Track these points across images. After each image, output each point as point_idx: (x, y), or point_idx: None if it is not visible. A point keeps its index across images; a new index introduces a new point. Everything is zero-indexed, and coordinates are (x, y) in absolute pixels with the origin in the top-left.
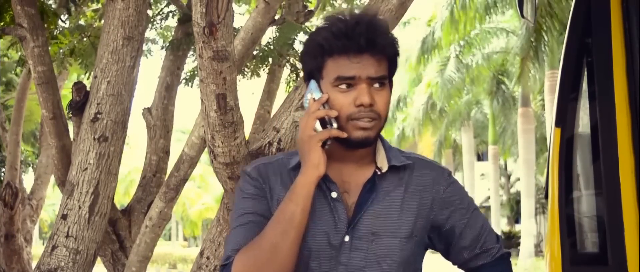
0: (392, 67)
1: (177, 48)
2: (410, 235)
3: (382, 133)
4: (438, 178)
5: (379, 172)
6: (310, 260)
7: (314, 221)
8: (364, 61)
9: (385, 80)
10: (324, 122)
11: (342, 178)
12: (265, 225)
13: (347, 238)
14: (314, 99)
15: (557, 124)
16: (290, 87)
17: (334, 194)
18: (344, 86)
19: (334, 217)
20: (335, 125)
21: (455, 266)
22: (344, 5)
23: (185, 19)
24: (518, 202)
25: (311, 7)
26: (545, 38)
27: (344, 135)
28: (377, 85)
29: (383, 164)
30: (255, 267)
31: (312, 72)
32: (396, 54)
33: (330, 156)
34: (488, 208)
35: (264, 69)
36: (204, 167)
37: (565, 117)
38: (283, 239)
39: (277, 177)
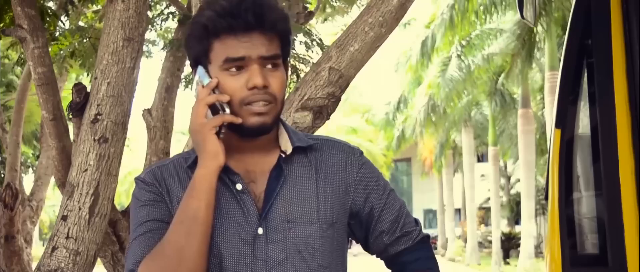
0: (284, 46)
1: (177, 48)
2: (331, 222)
3: (382, 135)
4: (349, 159)
5: (283, 155)
6: (222, 261)
7: (220, 218)
8: (253, 40)
9: (279, 60)
10: (216, 109)
11: (246, 168)
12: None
13: (260, 230)
14: (202, 85)
15: (557, 126)
16: (290, 88)
17: (238, 186)
18: (234, 69)
19: (242, 211)
20: (227, 110)
21: (377, 256)
22: (344, 6)
23: (185, 20)
24: (518, 204)
25: (311, 8)
26: (537, 37)
27: (238, 120)
28: (269, 65)
29: (287, 146)
30: None
31: (199, 57)
32: (288, 31)
33: (228, 148)
34: (488, 209)
35: None
36: None
37: (565, 118)
38: (189, 241)
39: (173, 178)
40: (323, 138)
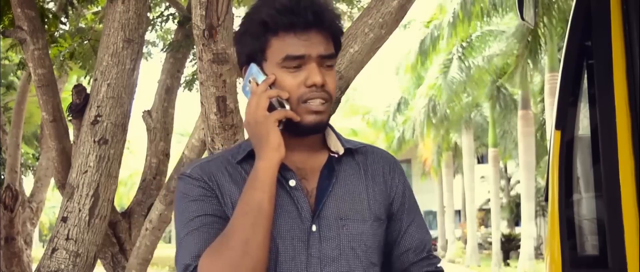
0: (337, 45)
1: (177, 49)
2: (380, 219)
3: (382, 137)
4: (393, 167)
5: (335, 156)
6: (278, 257)
7: (275, 213)
8: (312, 38)
9: (334, 60)
10: (272, 105)
11: (296, 165)
12: (221, 226)
13: (314, 227)
14: (256, 82)
15: (557, 127)
16: None
17: (292, 183)
18: (292, 67)
19: (296, 207)
20: (287, 107)
21: None
22: (343, 7)
23: (185, 21)
24: (518, 205)
25: None
26: (543, 39)
27: (298, 118)
28: (325, 64)
29: (338, 147)
30: (227, 269)
31: (254, 53)
32: (342, 31)
33: None
34: (488, 211)
35: None
36: None
37: (566, 119)
38: (255, 232)
39: (223, 174)
40: (366, 144)
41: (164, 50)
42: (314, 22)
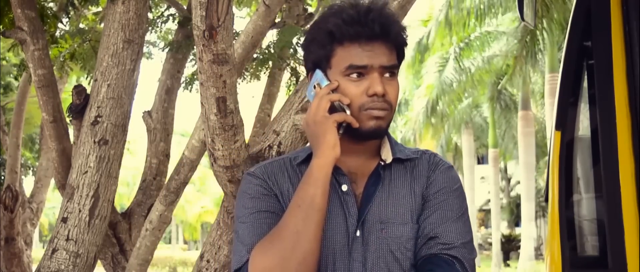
0: (400, 56)
1: (177, 50)
2: (418, 220)
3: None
4: (438, 166)
5: (382, 163)
6: (322, 257)
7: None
8: (375, 49)
9: (396, 70)
10: (333, 109)
11: (349, 170)
12: (276, 221)
13: (358, 233)
14: (320, 87)
15: (557, 127)
16: (290, 90)
17: (344, 187)
18: (354, 75)
19: (344, 212)
20: (348, 112)
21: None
22: None
23: (185, 22)
24: (518, 206)
25: (311, 9)
26: (539, 39)
27: (357, 124)
28: (387, 74)
29: (387, 156)
30: (278, 259)
31: (319, 61)
32: (406, 43)
33: None
34: (488, 211)
35: (264, 72)
36: (203, 170)
37: (566, 120)
38: (306, 225)
39: (283, 174)
40: (423, 152)
41: (164, 50)
42: (381, 34)
